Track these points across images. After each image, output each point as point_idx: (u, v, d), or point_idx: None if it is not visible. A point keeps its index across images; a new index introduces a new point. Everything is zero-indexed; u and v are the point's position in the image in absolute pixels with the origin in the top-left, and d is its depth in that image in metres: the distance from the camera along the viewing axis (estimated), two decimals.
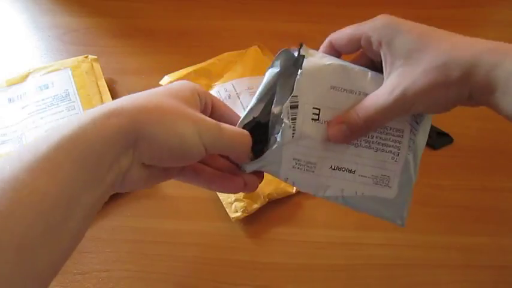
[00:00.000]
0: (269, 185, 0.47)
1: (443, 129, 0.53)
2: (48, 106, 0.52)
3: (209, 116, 0.32)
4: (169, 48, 0.63)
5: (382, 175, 0.33)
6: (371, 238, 0.45)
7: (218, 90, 0.53)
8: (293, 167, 0.33)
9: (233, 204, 0.46)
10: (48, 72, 0.55)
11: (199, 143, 0.29)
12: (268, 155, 0.32)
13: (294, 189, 0.48)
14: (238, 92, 0.53)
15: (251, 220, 0.46)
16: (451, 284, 0.43)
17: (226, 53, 0.59)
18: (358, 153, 0.32)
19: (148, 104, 0.28)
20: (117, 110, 0.27)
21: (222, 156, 0.34)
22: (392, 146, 0.32)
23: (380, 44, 0.31)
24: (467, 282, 0.43)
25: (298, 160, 0.32)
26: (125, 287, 0.42)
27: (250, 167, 0.33)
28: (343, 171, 0.33)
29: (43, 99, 0.53)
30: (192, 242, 0.45)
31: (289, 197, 0.48)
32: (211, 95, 0.34)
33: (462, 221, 0.47)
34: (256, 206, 0.46)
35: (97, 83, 0.55)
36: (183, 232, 0.46)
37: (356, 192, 0.33)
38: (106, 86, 0.55)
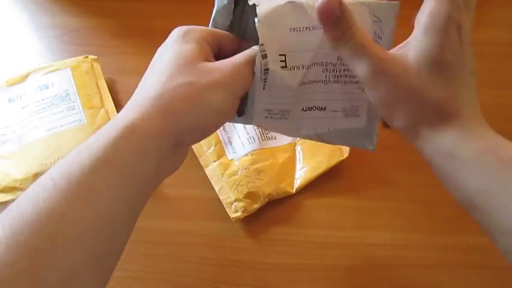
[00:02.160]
0: (269, 185, 0.47)
1: None
2: (48, 106, 0.52)
3: (219, 52, 0.31)
4: None
5: (351, 106, 0.33)
6: (371, 238, 0.45)
7: None
8: (265, 117, 0.32)
9: (233, 204, 0.46)
10: (48, 72, 0.55)
11: (233, 100, 0.29)
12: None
13: (294, 189, 0.48)
14: None
15: (251, 220, 0.46)
16: (451, 284, 0.43)
17: None
18: (328, 89, 0.32)
19: (171, 96, 0.27)
20: (143, 116, 0.26)
21: None
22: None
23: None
24: (467, 282, 0.43)
25: (271, 110, 0.32)
26: (125, 287, 0.42)
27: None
28: (314, 110, 0.33)
29: (43, 99, 0.53)
30: (192, 242, 0.45)
31: (289, 197, 0.48)
32: (214, 32, 0.32)
33: (462, 221, 0.46)
34: (256, 206, 0.46)
35: (97, 83, 0.55)
36: (183, 232, 0.46)
37: (328, 128, 0.34)
38: (106, 86, 0.55)
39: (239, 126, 0.51)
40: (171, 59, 0.29)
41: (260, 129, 0.51)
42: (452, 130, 0.28)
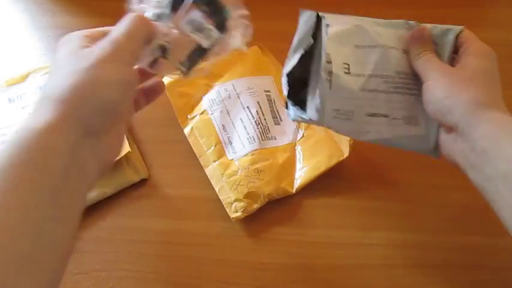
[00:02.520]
0: (269, 185, 0.47)
1: None
2: None
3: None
4: None
5: (410, 115, 0.37)
6: (371, 238, 0.45)
7: (218, 90, 0.53)
8: (334, 117, 0.36)
9: (233, 204, 0.46)
10: (48, 72, 0.55)
11: (123, 68, 0.30)
12: (311, 111, 0.37)
13: (294, 189, 0.48)
14: (238, 92, 0.53)
15: (251, 220, 0.46)
16: (451, 284, 0.43)
17: None
18: (389, 99, 0.37)
19: (60, 88, 0.28)
20: (44, 113, 0.27)
21: None
22: (415, 88, 0.37)
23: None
24: (467, 282, 0.43)
25: (338, 110, 0.36)
26: (124, 287, 0.42)
27: (296, 118, 0.38)
28: (378, 116, 0.37)
29: None
30: (192, 242, 0.45)
31: (289, 197, 0.48)
32: (93, 30, 0.34)
33: (462, 221, 0.47)
34: (256, 206, 0.46)
35: None
36: (183, 232, 0.46)
37: (392, 134, 0.38)
38: None
39: (239, 126, 0.51)
40: (59, 59, 0.31)
41: (260, 129, 0.51)
42: (494, 111, 0.32)
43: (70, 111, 0.27)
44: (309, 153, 0.50)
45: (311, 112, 0.37)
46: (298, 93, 0.39)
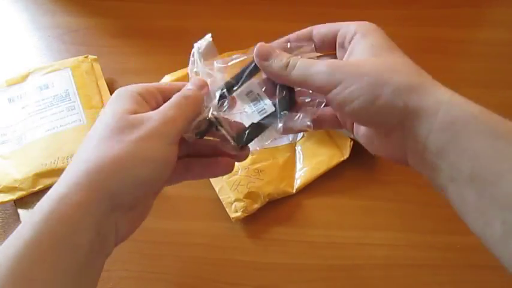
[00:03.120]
0: (269, 185, 0.47)
1: None
2: (48, 106, 0.52)
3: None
4: (169, 48, 0.63)
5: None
6: (371, 238, 0.45)
7: None
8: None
9: (233, 204, 0.46)
10: (48, 72, 0.55)
11: (166, 146, 0.28)
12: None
13: (294, 189, 0.48)
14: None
15: (251, 220, 0.46)
16: (451, 284, 0.43)
17: (226, 53, 0.59)
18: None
19: (98, 160, 0.26)
20: (73, 186, 0.26)
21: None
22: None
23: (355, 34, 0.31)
24: (467, 282, 0.43)
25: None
26: (124, 287, 0.42)
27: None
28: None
29: (43, 99, 0.53)
30: (192, 242, 0.45)
31: (289, 197, 0.48)
32: (149, 85, 0.32)
33: (462, 221, 0.46)
34: (256, 206, 0.46)
35: (97, 83, 0.55)
36: (183, 232, 0.46)
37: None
38: (106, 86, 0.55)
39: None
40: (102, 121, 0.29)
41: None
42: (443, 90, 0.27)
43: (101, 184, 0.26)
44: (309, 153, 0.50)
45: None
46: None
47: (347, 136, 0.50)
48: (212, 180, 0.48)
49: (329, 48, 0.33)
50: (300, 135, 0.52)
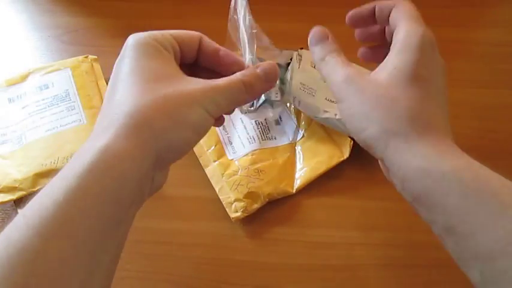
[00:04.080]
0: (269, 185, 0.47)
1: None
2: (48, 106, 0.52)
3: (198, 54, 0.31)
4: None
5: None
6: (371, 238, 0.45)
7: None
8: (300, 89, 0.47)
9: (233, 204, 0.46)
10: (48, 72, 0.55)
11: (208, 117, 0.28)
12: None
13: (294, 189, 0.48)
14: None
15: (251, 220, 0.46)
16: (451, 284, 0.43)
17: None
18: None
19: (147, 112, 0.25)
20: (118, 137, 0.24)
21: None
22: None
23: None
24: (467, 282, 0.43)
25: (304, 84, 0.47)
26: (125, 287, 0.42)
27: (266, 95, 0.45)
28: (334, 102, 0.46)
29: (43, 99, 0.53)
30: (192, 242, 0.45)
31: (289, 197, 0.48)
32: (175, 34, 0.30)
33: None
34: (256, 206, 0.46)
35: (97, 83, 0.55)
36: (183, 232, 0.46)
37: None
38: (106, 86, 0.55)
39: (239, 126, 0.51)
40: (135, 74, 0.27)
41: (260, 129, 0.51)
42: (425, 143, 0.27)
43: (149, 142, 0.25)
44: (309, 153, 0.50)
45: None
46: None
47: (347, 136, 0.50)
48: (212, 180, 0.48)
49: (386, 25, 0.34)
50: (300, 135, 0.52)
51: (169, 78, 0.28)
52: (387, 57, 0.30)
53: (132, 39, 0.29)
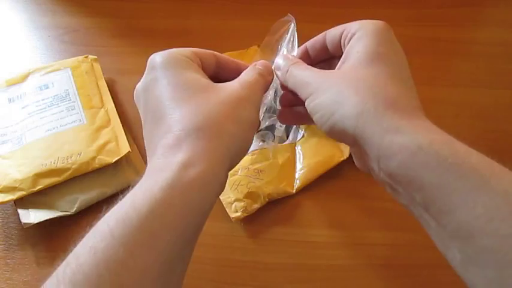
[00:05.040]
0: (269, 185, 0.47)
1: (443, 129, 0.53)
2: (48, 106, 0.52)
3: (215, 71, 0.32)
4: (170, 48, 0.63)
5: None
6: (371, 238, 0.45)
7: None
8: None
9: (233, 204, 0.46)
10: (48, 72, 0.55)
11: (257, 112, 0.30)
12: None
13: (294, 190, 0.48)
14: None
15: (251, 220, 0.46)
16: (451, 284, 0.43)
17: (226, 53, 0.59)
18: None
19: (211, 121, 0.26)
20: (195, 150, 0.25)
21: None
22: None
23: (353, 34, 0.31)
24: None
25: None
26: None
27: None
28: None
29: (43, 99, 0.53)
30: None
31: (289, 197, 0.48)
32: (196, 51, 0.32)
33: None
34: (256, 206, 0.46)
35: (97, 83, 0.55)
36: None
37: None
38: (106, 86, 0.55)
39: None
40: (181, 85, 0.28)
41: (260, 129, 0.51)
42: (396, 117, 0.26)
43: (222, 146, 0.26)
44: (309, 153, 0.50)
45: None
46: None
47: None
48: None
49: (338, 51, 0.33)
50: (300, 135, 0.52)
51: (210, 86, 0.29)
52: (346, 49, 0.31)
53: (159, 57, 0.30)
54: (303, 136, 0.51)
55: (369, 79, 0.28)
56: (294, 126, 0.52)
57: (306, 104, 0.30)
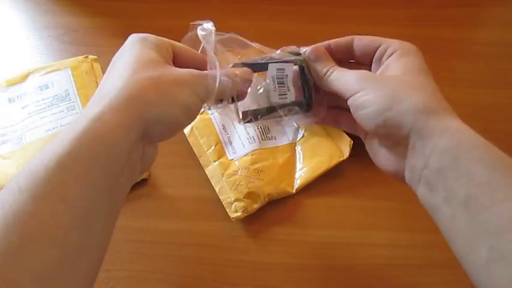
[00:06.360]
0: (269, 185, 0.47)
1: None
2: (48, 106, 0.52)
3: (173, 62, 0.32)
4: None
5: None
6: (371, 238, 0.45)
7: None
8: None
9: (233, 204, 0.46)
10: (48, 72, 0.55)
11: (197, 101, 0.30)
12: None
13: (294, 189, 0.48)
14: None
15: (251, 220, 0.46)
16: (451, 284, 0.43)
17: None
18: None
19: (137, 86, 0.27)
20: (110, 106, 0.26)
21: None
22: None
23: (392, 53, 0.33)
24: (467, 282, 0.43)
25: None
26: (125, 287, 0.42)
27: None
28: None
29: (43, 99, 0.53)
30: (192, 242, 0.45)
31: (289, 197, 0.48)
32: (172, 42, 0.34)
33: None
34: (256, 206, 0.46)
35: (97, 83, 0.55)
36: (183, 232, 0.46)
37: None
38: None
39: (239, 126, 0.51)
40: (131, 60, 0.30)
41: (260, 129, 0.51)
42: (453, 119, 0.28)
43: (139, 112, 0.27)
44: (309, 153, 0.50)
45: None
46: None
47: (347, 136, 0.50)
48: (212, 180, 0.48)
49: (366, 59, 0.35)
50: (300, 135, 0.52)
51: (164, 65, 0.30)
52: (387, 62, 0.33)
53: (132, 36, 0.32)
54: (303, 136, 0.51)
55: (430, 85, 0.31)
56: (295, 126, 0.52)
57: (351, 100, 0.31)
